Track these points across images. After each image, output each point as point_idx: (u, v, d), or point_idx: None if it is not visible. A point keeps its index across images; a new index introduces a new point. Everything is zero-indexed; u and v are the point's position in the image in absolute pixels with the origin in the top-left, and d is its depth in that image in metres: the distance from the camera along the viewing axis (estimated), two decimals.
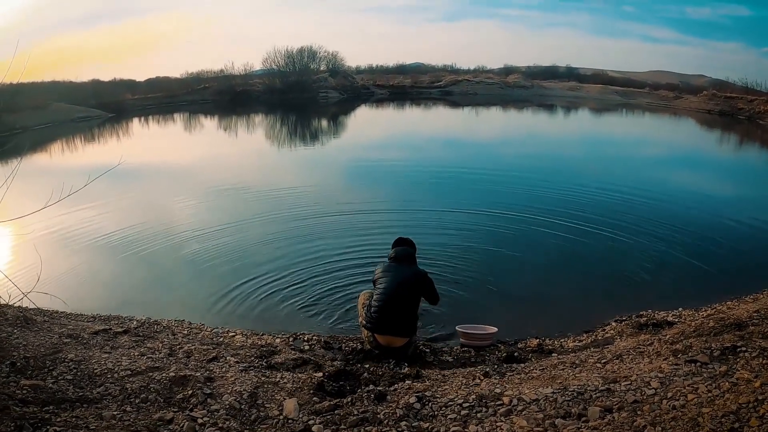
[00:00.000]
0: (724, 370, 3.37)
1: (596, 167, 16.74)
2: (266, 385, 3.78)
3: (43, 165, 18.65)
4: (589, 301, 6.80)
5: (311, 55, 53.52)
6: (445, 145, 22.22)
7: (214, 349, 4.81)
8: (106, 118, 34.63)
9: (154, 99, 44.28)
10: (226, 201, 11.99)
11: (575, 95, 53.09)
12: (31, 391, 3.35)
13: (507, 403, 3.32)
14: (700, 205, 11.53)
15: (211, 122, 35.44)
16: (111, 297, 6.86)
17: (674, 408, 2.96)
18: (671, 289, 7.12)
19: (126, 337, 4.97)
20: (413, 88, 56.60)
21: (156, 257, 8.32)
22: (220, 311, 6.43)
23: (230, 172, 15.91)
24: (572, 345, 5.41)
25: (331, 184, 13.85)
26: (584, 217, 10.06)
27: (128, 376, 3.76)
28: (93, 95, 38.33)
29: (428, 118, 37.41)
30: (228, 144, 24.79)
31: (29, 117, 27.53)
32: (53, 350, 4.09)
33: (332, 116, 37.13)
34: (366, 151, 20.36)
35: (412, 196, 11.98)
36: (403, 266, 5.23)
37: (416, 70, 66.66)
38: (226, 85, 48.65)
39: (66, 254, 8.43)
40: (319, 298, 6.66)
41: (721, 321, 4.45)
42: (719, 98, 40.40)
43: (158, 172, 15.94)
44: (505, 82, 58.31)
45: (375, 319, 4.92)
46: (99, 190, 10.75)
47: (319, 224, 9.72)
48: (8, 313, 4.94)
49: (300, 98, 46.32)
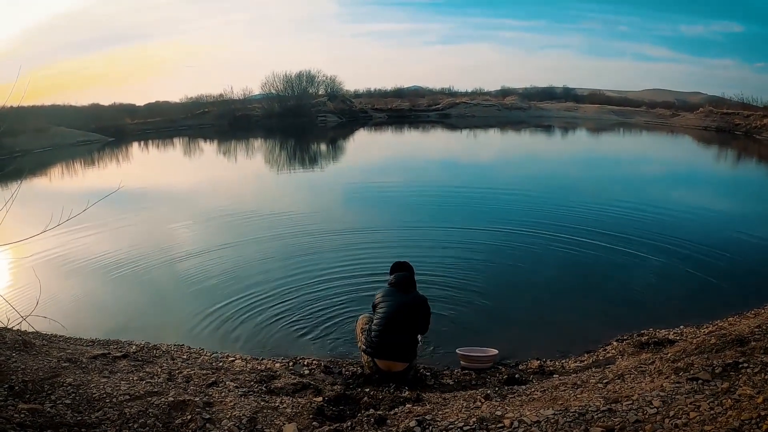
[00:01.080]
0: (726, 387, 3.35)
1: (595, 186, 16.83)
2: (266, 410, 3.74)
3: (42, 189, 18.73)
4: (589, 321, 6.78)
5: (309, 79, 54.17)
6: (443, 166, 22.35)
7: (213, 373, 4.78)
8: (106, 143, 34.86)
9: (153, 123, 44.66)
10: (224, 225, 11.99)
11: (572, 116, 53.54)
12: (29, 415, 3.33)
13: (508, 426, 3.29)
14: (699, 221, 11.57)
15: (210, 146, 35.64)
16: (110, 321, 6.85)
17: (676, 426, 2.93)
18: (672, 306, 7.10)
19: (125, 361, 4.94)
20: (411, 112, 57.05)
21: (155, 281, 8.31)
22: (219, 336, 6.40)
23: (229, 196, 15.98)
24: (573, 365, 5.38)
25: (329, 207, 13.87)
26: (583, 236, 10.09)
27: (127, 401, 3.73)
28: (93, 119, 38.71)
29: (426, 141, 37.66)
30: (227, 168, 24.95)
31: (30, 140, 27.70)
32: (52, 374, 4.06)
33: (331, 140, 37.34)
34: (364, 175, 20.41)
35: (410, 218, 12.01)
36: (403, 291, 5.22)
37: (414, 93, 67.10)
38: (226, 110, 49.12)
39: (65, 278, 8.42)
40: (319, 322, 6.63)
41: (722, 337, 4.43)
42: (716, 114, 40.79)
43: (157, 197, 15.98)
44: (502, 103, 58.85)
45: (375, 344, 4.90)
46: (98, 215, 10.77)
47: (318, 248, 9.71)
48: (7, 337, 4.92)
49: (298, 122, 46.72)
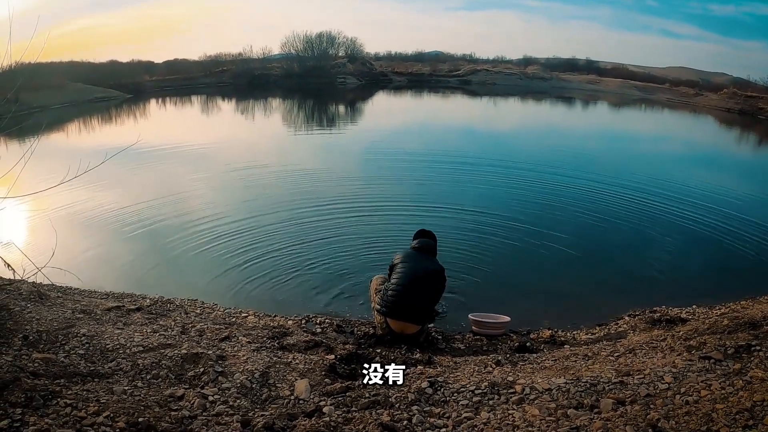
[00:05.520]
0: (738, 368, 3.33)
1: (614, 162, 16.59)
2: (278, 365, 3.78)
3: (60, 144, 18.78)
4: (602, 295, 6.77)
5: (330, 40, 53.46)
6: (463, 135, 21.99)
7: (226, 328, 4.83)
8: (124, 99, 34.80)
9: (172, 81, 44.44)
10: (242, 183, 11.99)
11: (594, 89, 52.52)
12: (42, 364, 3.38)
13: (519, 392, 3.30)
14: (719, 203, 11.34)
15: (228, 105, 35.52)
16: (125, 275, 6.93)
17: (687, 403, 2.92)
18: (686, 285, 7.08)
19: (139, 314, 5.00)
20: (432, 77, 56.33)
21: (170, 237, 8.34)
22: (233, 292, 6.46)
23: (247, 154, 15.88)
24: (585, 337, 5.38)
25: (349, 170, 13.78)
26: (601, 211, 10.02)
27: (140, 353, 3.79)
28: (111, 76, 38.54)
29: (446, 107, 37.18)
30: (245, 126, 24.87)
31: (48, 96, 27.69)
32: (66, 325, 4.12)
33: (350, 102, 37.02)
34: (383, 139, 20.17)
35: (428, 187, 11.91)
36: (425, 257, 5.22)
37: (435, 58, 66.21)
38: (244, 69, 48.72)
39: (82, 232, 8.50)
40: (332, 282, 6.68)
41: (735, 320, 4.38)
42: (740, 97, 39.87)
43: (175, 153, 15.92)
44: (524, 73, 57.87)
45: (390, 304, 4.91)
46: (116, 170, 10.85)
47: (336, 209, 9.69)
48: (22, 288, 5.00)
49: (318, 83, 46.34)
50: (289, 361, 3.88)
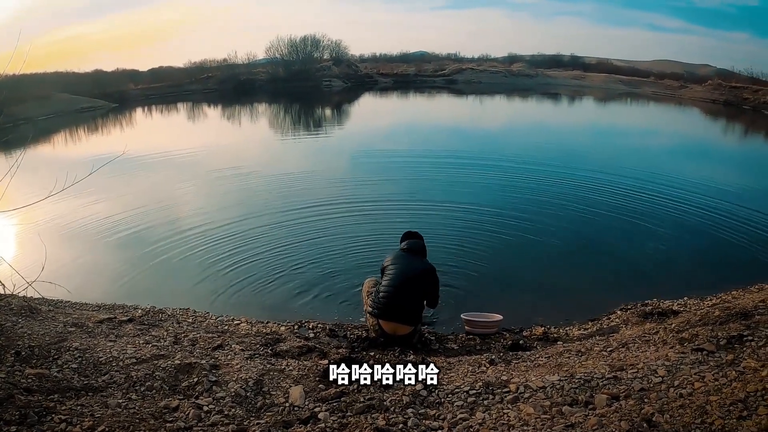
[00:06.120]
0: (730, 359, 3.35)
1: (601, 157, 16.59)
2: (272, 373, 3.77)
3: (46, 155, 18.63)
4: (593, 289, 6.81)
5: (314, 43, 53.30)
6: (450, 134, 21.96)
7: (219, 337, 4.81)
8: (110, 108, 34.56)
9: (157, 89, 44.12)
10: (230, 190, 11.95)
11: (579, 84, 52.72)
12: (35, 379, 3.36)
13: (514, 391, 3.31)
14: (705, 195, 11.40)
15: (214, 111, 35.30)
16: (115, 286, 6.90)
17: (681, 396, 2.94)
18: (676, 278, 7.13)
19: (131, 325, 4.97)
20: (417, 77, 56.23)
21: (160, 246, 8.29)
22: (224, 300, 6.45)
23: (234, 161, 15.80)
24: (578, 333, 5.40)
25: (336, 173, 13.74)
26: (590, 205, 10.09)
27: (133, 364, 3.76)
28: (96, 85, 38.29)
29: (432, 107, 37.19)
30: (231, 133, 24.73)
31: (33, 108, 27.45)
32: (58, 339, 4.09)
33: (336, 105, 36.94)
34: (370, 141, 20.17)
35: (417, 186, 11.90)
36: (415, 257, 5.23)
37: (420, 58, 66.18)
38: (230, 74, 48.50)
39: (70, 244, 8.44)
40: (323, 286, 6.67)
41: (726, 310, 4.41)
42: (724, 88, 40.12)
43: (162, 162, 15.82)
44: (509, 70, 57.98)
45: (382, 306, 4.91)
46: (103, 180, 10.77)
47: (324, 213, 9.68)
48: (13, 303, 4.95)
49: (303, 87, 46.17)
50: (282, 368, 3.88)
